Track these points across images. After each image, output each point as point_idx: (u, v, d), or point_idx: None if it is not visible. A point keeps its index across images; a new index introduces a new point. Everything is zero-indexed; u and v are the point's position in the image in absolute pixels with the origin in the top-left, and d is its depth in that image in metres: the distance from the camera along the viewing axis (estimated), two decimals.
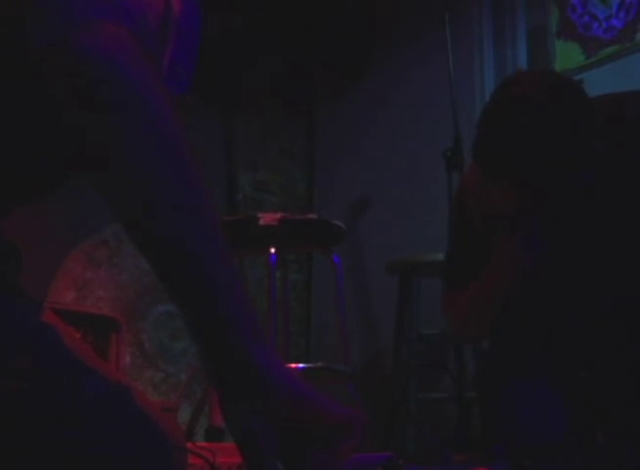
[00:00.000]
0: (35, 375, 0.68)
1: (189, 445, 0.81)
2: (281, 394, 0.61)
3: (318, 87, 4.10)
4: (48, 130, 0.66)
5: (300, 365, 2.64)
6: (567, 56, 3.08)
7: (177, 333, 3.32)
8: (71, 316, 2.60)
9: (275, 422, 0.61)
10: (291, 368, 0.63)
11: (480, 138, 1.41)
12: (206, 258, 0.61)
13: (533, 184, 1.37)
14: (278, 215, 2.53)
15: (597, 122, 1.35)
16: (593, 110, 1.36)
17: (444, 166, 2.52)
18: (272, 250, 2.54)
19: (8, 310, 0.71)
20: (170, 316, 3.31)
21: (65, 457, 0.67)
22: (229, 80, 3.79)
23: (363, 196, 3.72)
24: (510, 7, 3.34)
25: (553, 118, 1.32)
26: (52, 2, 0.62)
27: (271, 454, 0.61)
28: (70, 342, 0.74)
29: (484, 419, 1.61)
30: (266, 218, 2.51)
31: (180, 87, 0.82)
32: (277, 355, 0.63)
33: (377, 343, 3.49)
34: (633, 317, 1.51)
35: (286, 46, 3.87)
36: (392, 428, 2.86)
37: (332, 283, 2.75)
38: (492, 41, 3.36)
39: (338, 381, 2.70)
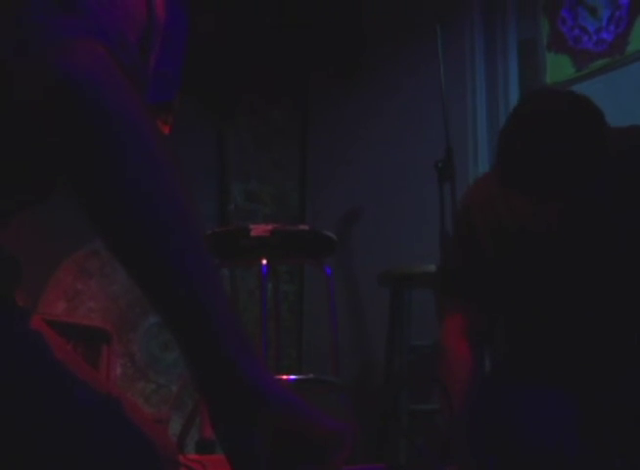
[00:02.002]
0: (26, 386, 0.68)
1: (180, 457, 0.81)
2: (271, 406, 0.61)
3: (310, 98, 4.11)
4: (29, 145, 0.65)
5: (292, 377, 2.63)
6: (557, 68, 3.10)
7: (168, 344, 3.31)
8: (62, 327, 2.59)
9: (266, 435, 0.61)
10: (280, 380, 0.62)
11: (503, 150, 1.45)
12: (192, 273, 0.61)
13: (551, 196, 1.42)
14: (270, 227, 2.53)
15: (609, 146, 1.41)
16: (607, 128, 1.42)
17: (436, 178, 2.53)
18: (264, 261, 2.54)
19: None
20: (162, 327, 3.29)
21: (55, 468, 0.67)
22: (221, 91, 3.79)
23: (355, 207, 3.72)
24: (501, 19, 3.36)
25: (572, 134, 1.39)
26: (26, 20, 0.62)
27: (263, 468, 0.61)
28: (62, 353, 0.74)
29: (484, 432, 1.59)
30: (258, 230, 2.51)
31: (167, 93, 0.82)
32: (266, 367, 0.63)
33: (368, 354, 3.49)
34: None
35: (279, 56, 3.88)
36: (384, 440, 2.85)
37: (323, 294, 2.75)
38: (483, 53, 3.37)
39: (329, 392, 2.69)
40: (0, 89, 0.62)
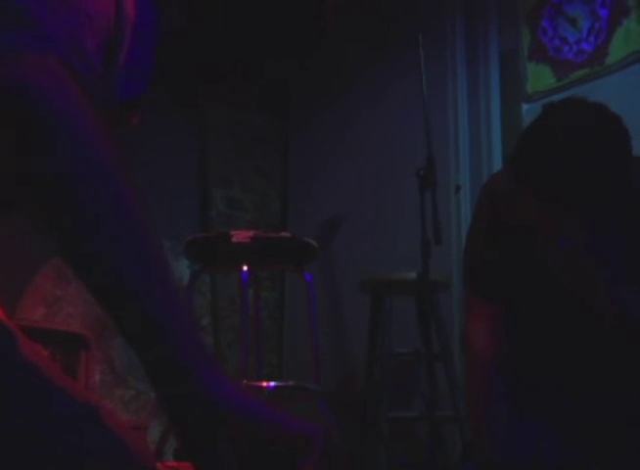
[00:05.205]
0: (1, 394, 0.67)
1: (158, 464, 0.80)
2: (233, 417, 0.60)
3: (292, 106, 4.11)
4: None
5: (272, 384, 2.62)
6: (538, 78, 3.12)
7: None
8: (40, 334, 2.57)
9: (231, 446, 0.60)
10: (241, 386, 0.62)
11: (529, 161, 1.45)
12: (146, 289, 0.60)
13: (575, 203, 1.43)
14: (251, 233, 2.53)
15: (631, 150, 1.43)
16: (629, 135, 1.43)
17: (417, 186, 2.53)
18: (245, 267, 2.54)
19: None
20: None
21: None
22: (203, 98, 3.79)
23: (336, 214, 3.73)
24: (483, 29, 3.38)
25: (601, 150, 1.40)
26: None
27: None
28: (38, 360, 0.73)
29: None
30: (239, 236, 2.51)
31: (139, 87, 0.82)
32: (225, 375, 0.62)
33: (349, 361, 3.49)
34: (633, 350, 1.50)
35: (260, 64, 3.88)
36: (364, 447, 2.85)
37: (304, 301, 2.75)
38: (465, 62, 3.39)
39: (310, 399, 2.69)
40: None
